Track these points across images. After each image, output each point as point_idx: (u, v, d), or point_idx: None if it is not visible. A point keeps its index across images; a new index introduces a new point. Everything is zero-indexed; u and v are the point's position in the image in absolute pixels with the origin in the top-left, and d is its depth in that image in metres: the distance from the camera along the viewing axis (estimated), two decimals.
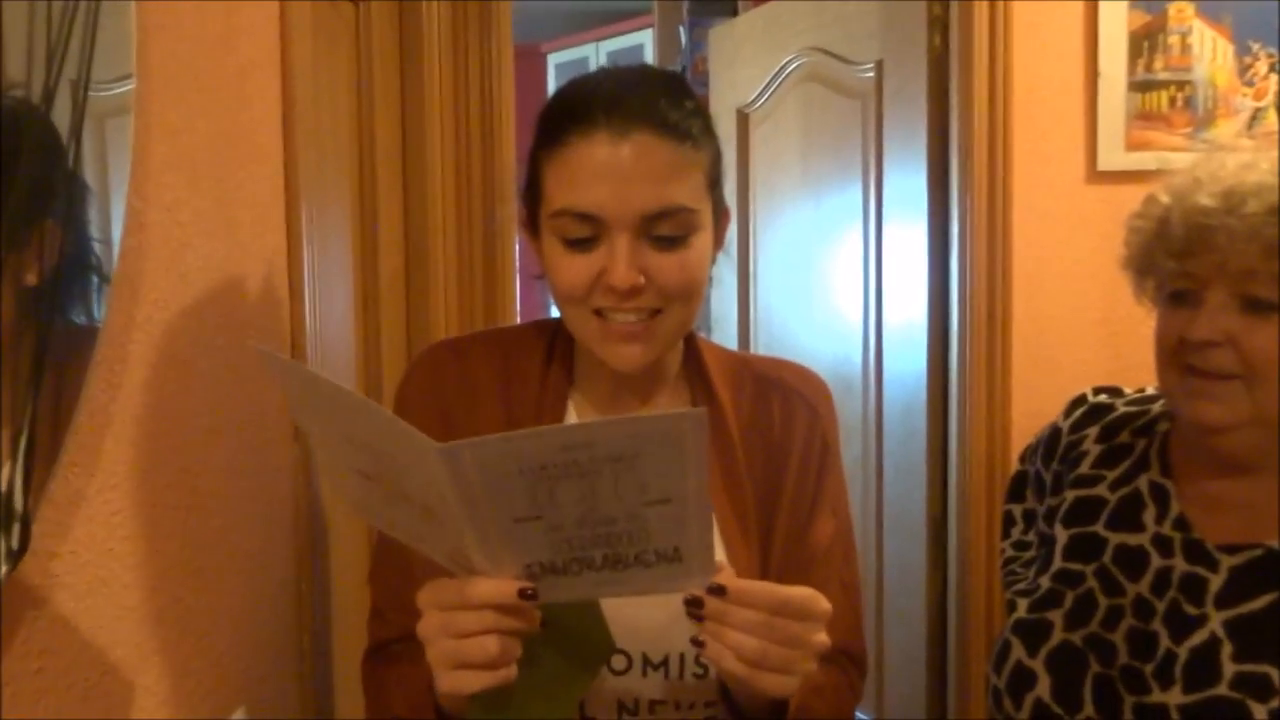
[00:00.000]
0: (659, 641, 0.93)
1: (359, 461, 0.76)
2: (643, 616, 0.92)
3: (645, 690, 0.93)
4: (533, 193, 0.95)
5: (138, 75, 0.78)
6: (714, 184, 0.94)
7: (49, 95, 0.64)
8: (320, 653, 1.22)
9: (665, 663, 0.93)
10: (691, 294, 0.92)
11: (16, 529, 0.62)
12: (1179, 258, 1.03)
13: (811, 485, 1.02)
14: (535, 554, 0.74)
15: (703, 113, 0.93)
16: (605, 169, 0.87)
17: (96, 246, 0.74)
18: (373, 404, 0.72)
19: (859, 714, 2.28)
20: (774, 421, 1.02)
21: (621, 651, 0.92)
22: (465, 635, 0.75)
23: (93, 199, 0.73)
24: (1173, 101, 1.91)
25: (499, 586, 0.75)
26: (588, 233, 0.89)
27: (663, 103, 0.89)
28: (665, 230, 0.89)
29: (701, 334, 1.08)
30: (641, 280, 0.88)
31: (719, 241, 0.98)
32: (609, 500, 0.71)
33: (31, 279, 0.65)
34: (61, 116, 0.67)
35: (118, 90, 0.77)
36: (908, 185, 2.08)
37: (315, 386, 0.75)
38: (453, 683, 0.76)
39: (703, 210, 0.92)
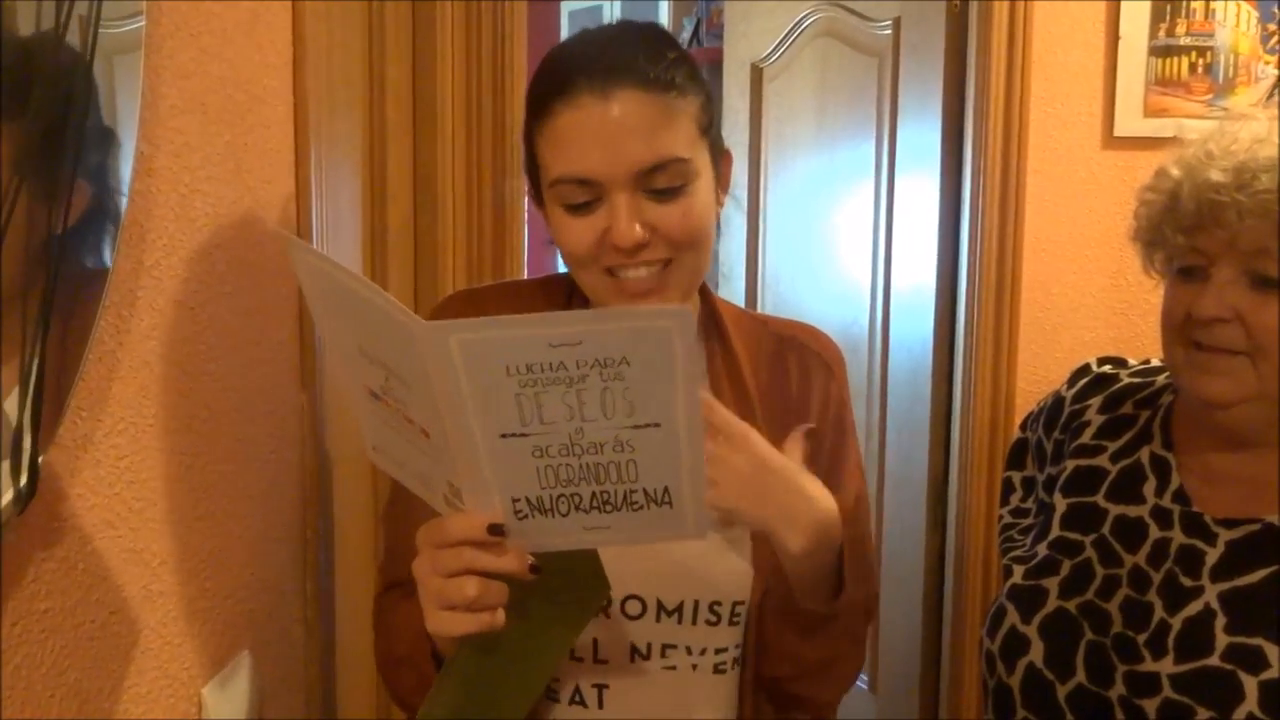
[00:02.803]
0: (674, 588, 0.94)
1: (369, 376, 0.76)
2: (658, 562, 0.94)
3: (658, 635, 0.95)
4: (532, 166, 0.96)
5: (148, 17, 0.77)
6: (706, 129, 0.94)
7: (60, 35, 0.64)
8: (325, 596, 1.23)
9: (679, 609, 0.94)
10: (699, 240, 0.92)
11: (25, 471, 0.63)
12: (1188, 233, 1.02)
13: (829, 444, 1.03)
14: (522, 487, 0.73)
15: (687, 61, 0.93)
16: (593, 132, 0.88)
17: (121, 199, 0.74)
18: (375, 287, 0.70)
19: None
20: (791, 380, 1.03)
21: (636, 596, 0.94)
22: (449, 575, 0.76)
23: (119, 150, 0.73)
24: (1193, 68, 1.89)
25: (470, 520, 0.75)
26: (586, 196, 0.89)
27: (641, 58, 0.90)
28: (662, 183, 0.89)
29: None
30: (645, 235, 0.89)
31: (723, 185, 0.99)
32: (596, 421, 0.70)
33: (56, 229, 0.65)
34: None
35: (128, 26, 0.76)
36: (922, 146, 2.07)
37: (329, 275, 0.74)
38: (438, 624, 0.77)
39: (697, 158, 0.91)
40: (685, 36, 3.71)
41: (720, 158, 0.98)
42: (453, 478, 0.75)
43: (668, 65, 0.91)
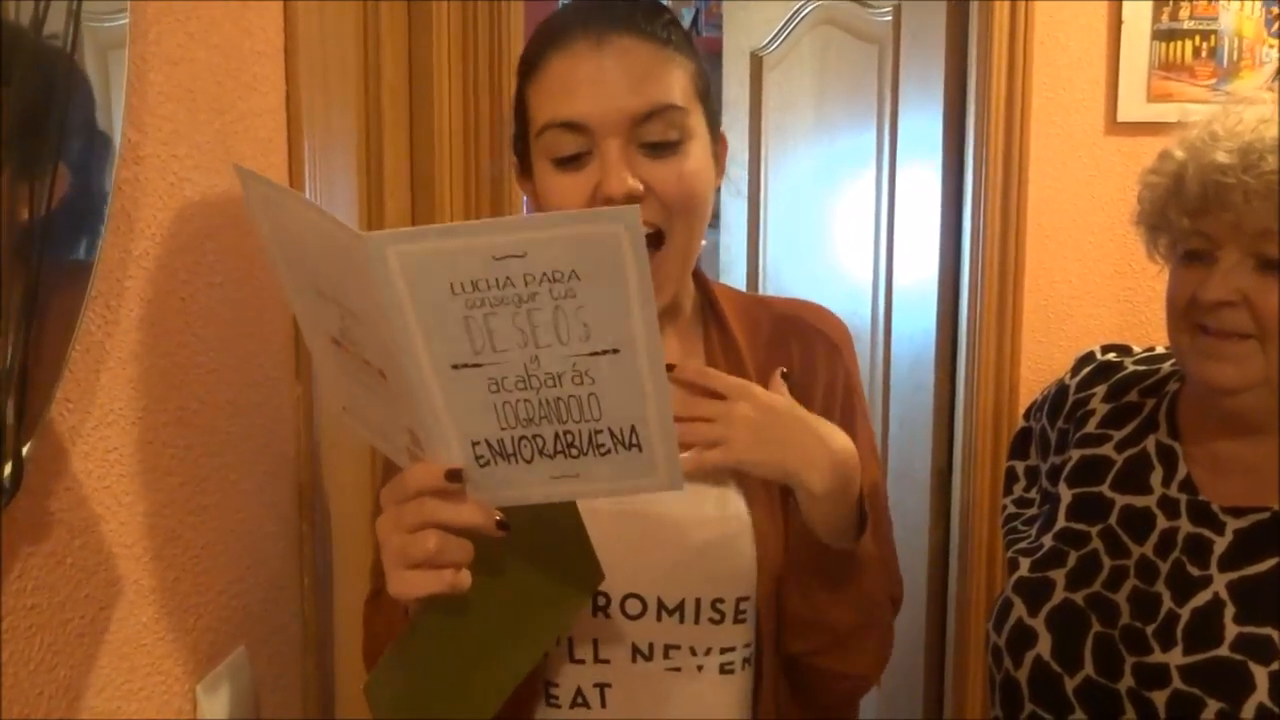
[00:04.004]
0: (675, 586, 0.92)
1: (328, 320, 0.73)
2: (658, 559, 0.92)
3: (660, 635, 0.92)
4: (521, 130, 0.93)
5: (133, 1, 0.76)
6: (704, 94, 0.93)
7: (38, 23, 0.62)
8: (322, 591, 1.22)
9: (681, 607, 0.92)
10: (693, 206, 0.90)
11: (9, 465, 0.62)
12: (1193, 216, 1.00)
13: (838, 425, 1.00)
14: (481, 428, 0.70)
15: (681, 29, 0.93)
16: (587, 76, 0.87)
17: (107, 188, 0.72)
18: (320, 208, 0.68)
19: None
20: (794, 360, 1.00)
21: (636, 595, 0.92)
22: (410, 530, 0.72)
23: (110, 151, 0.72)
24: (1197, 52, 1.86)
25: (428, 468, 0.72)
26: (577, 148, 0.87)
27: (639, 15, 0.89)
28: (656, 133, 0.87)
29: None
30: (639, 187, 0.86)
31: (720, 167, 0.97)
32: (551, 347, 0.67)
33: (37, 214, 0.63)
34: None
35: (121, 21, 0.75)
36: (923, 133, 2.05)
37: (280, 204, 0.71)
38: (400, 584, 0.73)
39: (693, 112, 0.90)
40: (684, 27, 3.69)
41: (717, 135, 0.96)
42: (411, 424, 0.72)
43: (664, 24, 0.90)
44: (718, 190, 0.98)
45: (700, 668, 0.93)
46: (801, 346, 1.01)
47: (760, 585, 0.93)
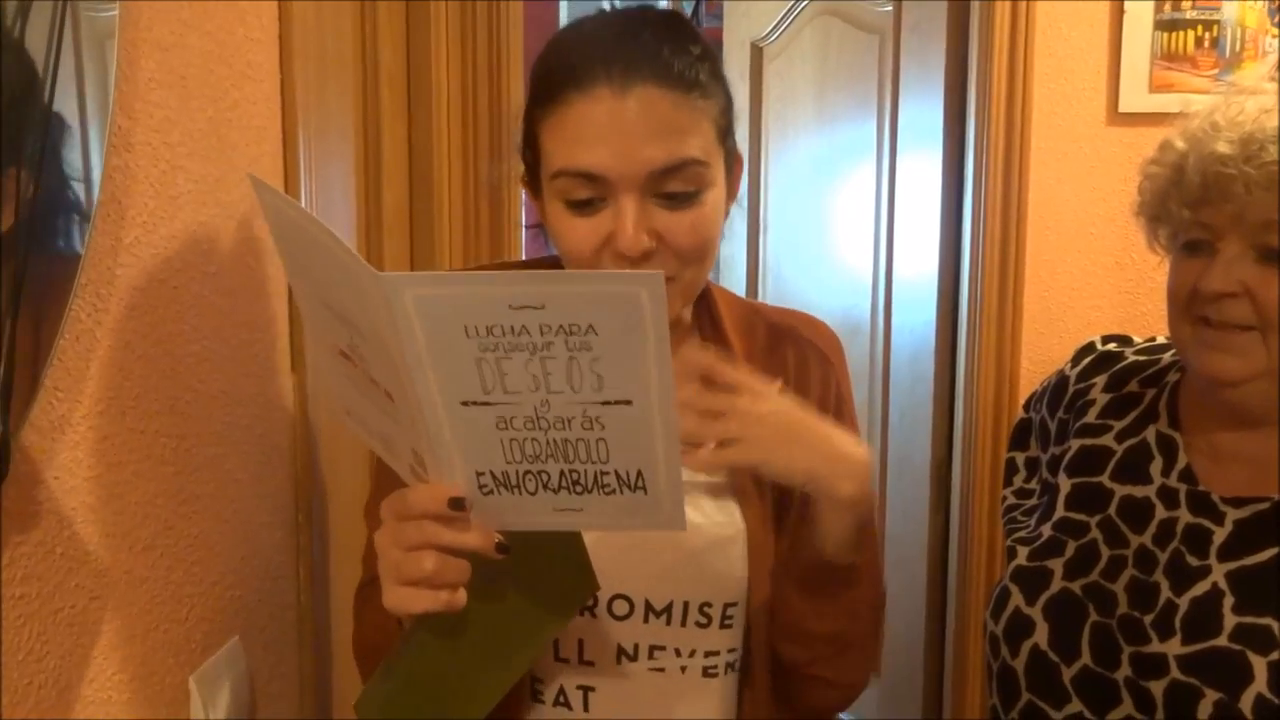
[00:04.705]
0: (662, 588, 0.91)
1: (336, 334, 0.73)
2: (648, 562, 0.91)
3: (645, 636, 0.92)
4: (532, 151, 0.90)
5: None
6: (725, 134, 0.89)
7: (23, 15, 0.62)
8: (318, 581, 1.22)
9: (669, 609, 0.91)
10: (705, 255, 0.88)
11: None
12: (1194, 207, 1.00)
13: None
14: (486, 460, 0.70)
15: (711, 56, 0.88)
16: (607, 127, 0.82)
17: (76, 186, 0.71)
18: (335, 235, 0.67)
19: None
20: (788, 371, 1.00)
21: (623, 596, 0.91)
22: (408, 549, 0.72)
23: (70, 137, 0.71)
24: (1199, 42, 1.85)
25: (432, 491, 0.72)
26: (590, 194, 0.84)
27: (666, 50, 0.84)
28: (675, 187, 0.84)
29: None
30: (652, 245, 0.84)
31: (732, 193, 0.94)
32: (563, 394, 0.66)
33: (25, 202, 0.63)
34: (38, 41, 0.64)
35: (117, 11, 0.74)
36: (924, 124, 2.04)
37: (294, 222, 0.71)
38: (395, 600, 0.73)
39: (714, 164, 0.87)
40: None
41: (734, 163, 0.93)
42: (416, 445, 0.72)
43: (692, 61, 0.85)
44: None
45: (684, 669, 0.93)
46: (795, 356, 1.00)
47: (751, 593, 0.93)
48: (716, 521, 0.93)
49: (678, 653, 0.92)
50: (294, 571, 1.17)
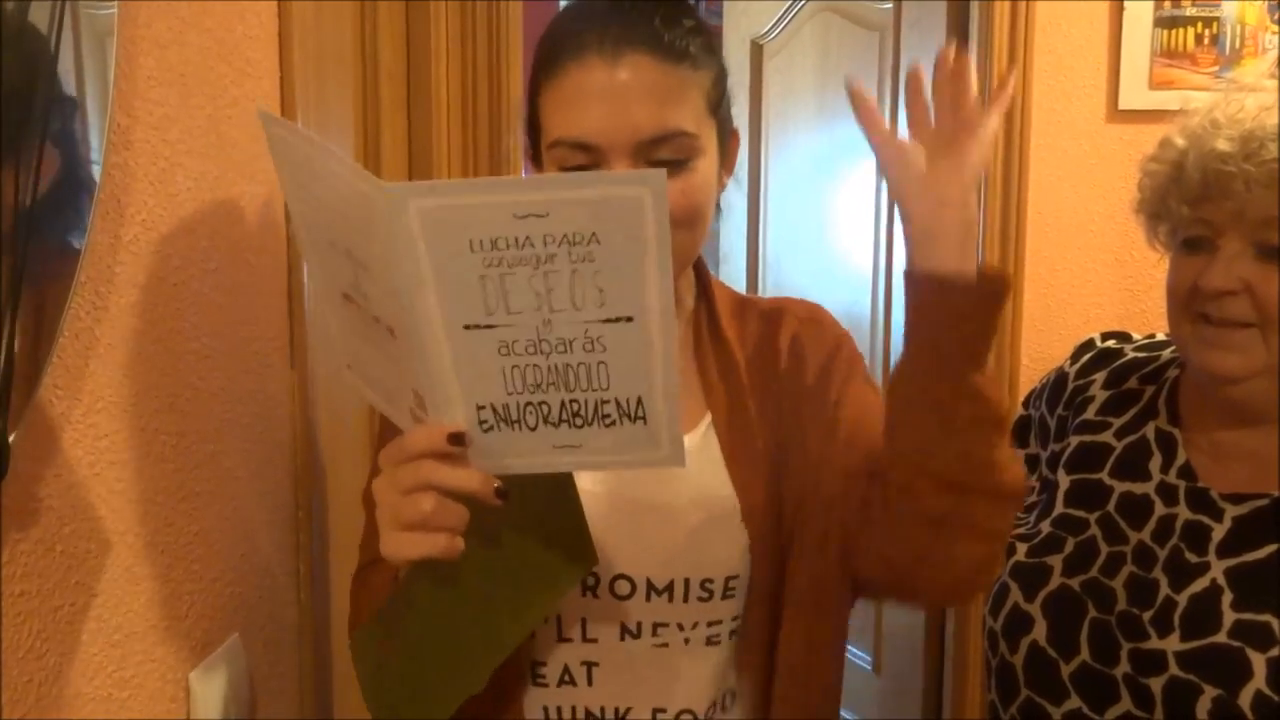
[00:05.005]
0: (665, 568, 0.92)
1: (340, 274, 0.73)
2: (648, 541, 0.92)
3: (649, 614, 0.93)
4: (533, 125, 0.93)
5: None
6: (716, 106, 0.91)
7: (22, 5, 0.62)
8: (318, 578, 1.22)
9: (670, 587, 0.92)
10: (695, 220, 0.90)
11: None
12: (1194, 204, 1.00)
13: (835, 391, 0.98)
14: (488, 392, 0.70)
15: (703, 30, 0.91)
16: (599, 94, 0.85)
17: (75, 183, 0.71)
18: (341, 154, 0.68)
19: (858, 658, 2.29)
20: (781, 346, 1.00)
21: (625, 576, 0.92)
22: (406, 491, 0.72)
23: (77, 114, 0.71)
24: (1199, 39, 1.85)
25: (430, 430, 0.72)
26: (584, 161, 0.86)
27: (658, 21, 0.87)
28: (665, 154, 0.86)
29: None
30: None
31: (728, 166, 0.96)
32: (565, 312, 0.67)
33: (24, 200, 0.63)
34: (37, 39, 0.64)
35: (115, 7, 0.74)
36: None
37: (298, 148, 0.71)
38: (393, 545, 0.73)
39: (703, 135, 0.89)
40: None
41: (728, 137, 0.95)
42: (417, 384, 0.71)
43: (684, 33, 0.88)
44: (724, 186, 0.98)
45: (687, 641, 0.94)
46: (789, 331, 1.01)
47: (750, 564, 0.93)
48: (711, 497, 0.94)
49: (680, 627, 0.93)
50: (294, 568, 1.17)
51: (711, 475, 0.94)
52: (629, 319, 0.67)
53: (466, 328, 0.68)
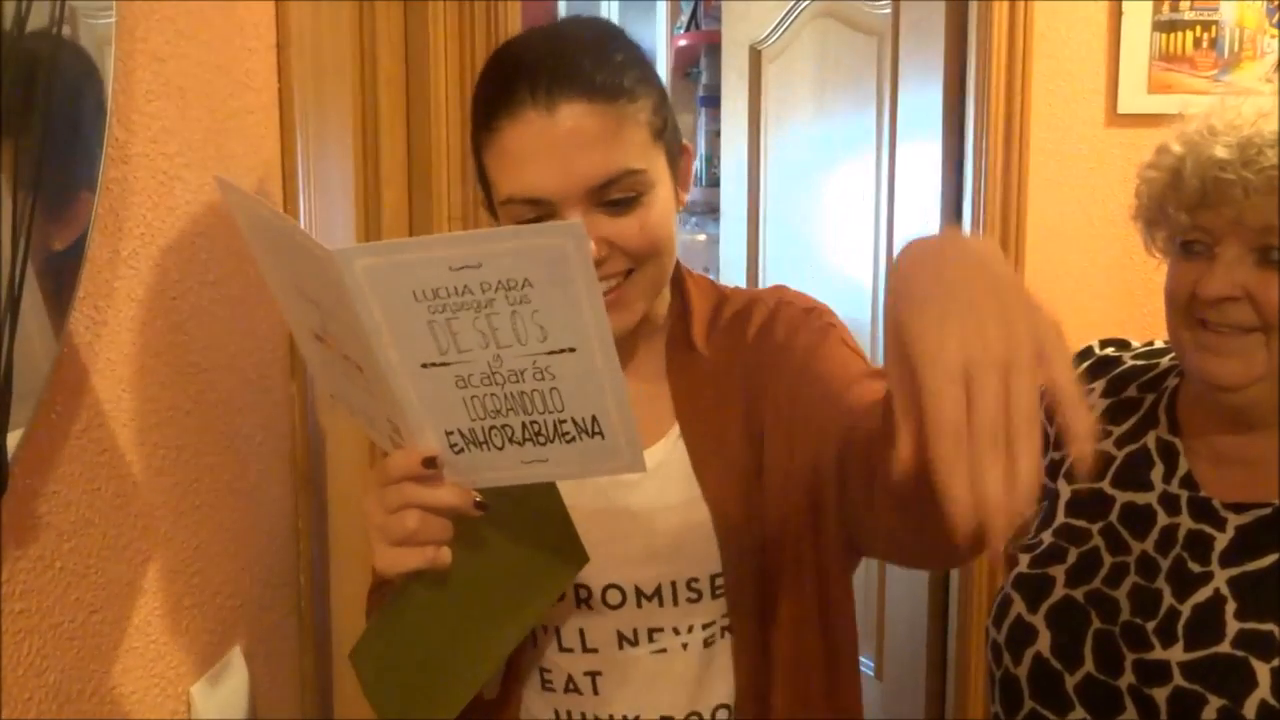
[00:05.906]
0: (649, 573, 0.93)
1: (309, 318, 0.77)
2: (630, 551, 0.93)
3: (642, 621, 0.94)
4: (484, 179, 0.93)
5: None
6: (661, 131, 0.90)
7: (21, 18, 0.61)
8: (318, 591, 1.21)
9: (658, 592, 0.94)
10: (659, 252, 0.90)
11: None
12: (1192, 211, 0.99)
13: (800, 355, 0.96)
14: (452, 419, 0.74)
15: (637, 61, 0.89)
16: (541, 150, 0.85)
17: (73, 196, 0.71)
18: (293, 221, 0.72)
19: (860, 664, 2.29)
20: (748, 344, 0.99)
21: (615, 586, 0.93)
22: (391, 511, 0.76)
23: (99, 148, 0.72)
24: (1198, 42, 1.85)
25: (407, 455, 0.76)
26: (539, 214, 0.87)
27: (587, 63, 0.86)
28: (615, 195, 0.86)
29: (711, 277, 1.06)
30: (603, 250, 0.86)
31: (683, 184, 0.96)
32: (512, 347, 0.70)
33: (20, 214, 0.63)
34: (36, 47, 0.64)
35: (111, 19, 0.74)
36: (923, 126, 2.04)
37: (258, 214, 0.74)
38: (385, 561, 0.77)
39: (651, 166, 0.88)
40: (684, 20, 3.68)
41: (678, 155, 0.94)
42: (390, 414, 0.76)
43: (615, 69, 0.87)
44: (684, 205, 0.97)
45: (685, 645, 0.95)
46: (755, 324, 0.99)
47: (726, 561, 0.93)
48: (685, 501, 0.94)
49: (676, 631, 0.94)
50: (295, 581, 1.17)
51: (681, 479, 0.95)
52: (572, 349, 0.70)
53: (424, 366, 0.72)
